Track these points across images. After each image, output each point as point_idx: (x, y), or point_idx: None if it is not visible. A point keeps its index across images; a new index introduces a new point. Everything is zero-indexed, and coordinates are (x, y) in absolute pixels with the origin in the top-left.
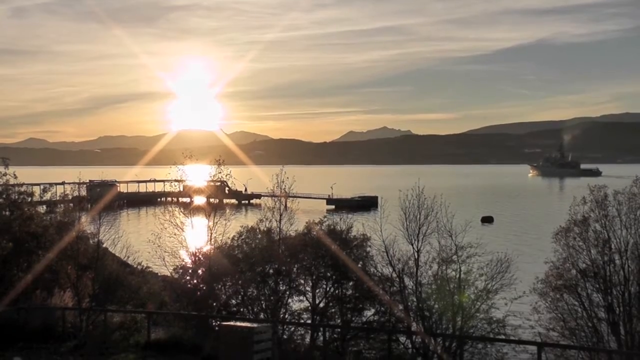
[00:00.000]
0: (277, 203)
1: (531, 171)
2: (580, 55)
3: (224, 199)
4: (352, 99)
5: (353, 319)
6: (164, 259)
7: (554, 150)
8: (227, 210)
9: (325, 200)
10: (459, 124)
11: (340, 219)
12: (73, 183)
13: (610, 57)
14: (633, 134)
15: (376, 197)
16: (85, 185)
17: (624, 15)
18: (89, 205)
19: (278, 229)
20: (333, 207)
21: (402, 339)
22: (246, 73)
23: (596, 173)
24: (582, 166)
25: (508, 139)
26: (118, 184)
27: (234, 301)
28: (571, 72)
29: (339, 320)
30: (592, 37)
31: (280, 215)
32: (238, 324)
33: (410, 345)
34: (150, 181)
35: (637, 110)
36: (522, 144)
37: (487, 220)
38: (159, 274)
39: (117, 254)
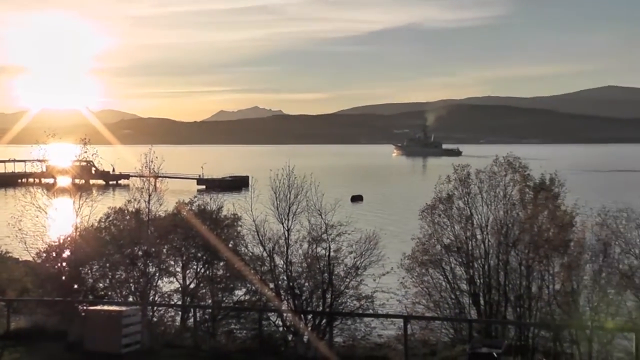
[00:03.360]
0: (145, 183)
1: (395, 151)
2: (447, 40)
3: (90, 179)
4: (223, 78)
5: (224, 299)
6: (25, 242)
7: (420, 130)
8: (94, 191)
9: (195, 181)
10: (329, 104)
11: (211, 199)
12: None
13: (476, 43)
14: (495, 116)
15: (247, 177)
16: None
17: (489, 4)
18: None
19: (147, 210)
20: (204, 187)
21: (273, 317)
22: (114, 49)
23: (457, 153)
24: (444, 146)
25: (378, 119)
26: None
27: (101, 285)
28: (439, 55)
29: (209, 301)
30: (459, 24)
31: (149, 195)
32: (105, 307)
33: (281, 324)
34: (9, 161)
35: (499, 94)
36: (391, 124)
37: (356, 199)
38: (20, 259)
39: None
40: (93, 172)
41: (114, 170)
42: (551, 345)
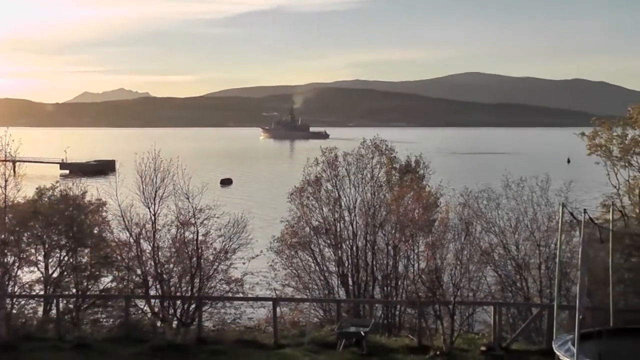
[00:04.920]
0: (1, 168)
1: (262, 134)
2: (317, 24)
3: None
4: (87, 58)
5: (89, 287)
6: None
7: (288, 114)
8: None
9: (58, 165)
10: (198, 86)
11: (74, 184)
12: None
13: (345, 27)
14: (363, 100)
15: (113, 161)
16: None
17: None
18: None
19: (4, 196)
20: (67, 171)
21: (141, 304)
22: None
23: (324, 136)
24: (312, 129)
25: (247, 102)
26: None
27: None
28: (308, 39)
29: (74, 290)
30: (328, 7)
31: (6, 181)
32: None
33: (148, 310)
34: None
35: (367, 78)
36: (260, 107)
37: (226, 182)
38: None
39: None
40: None
41: None
42: (416, 321)
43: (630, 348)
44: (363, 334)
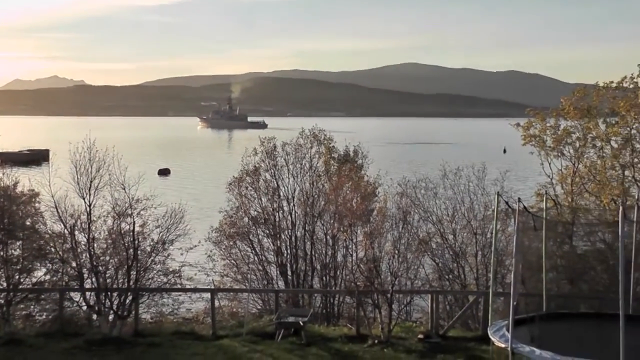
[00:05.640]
0: None
1: (200, 123)
2: (256, 13)
3: None
4: (17, 44)
5: (22, 280)
6: None
7: (225, 103)
8: None
9: None
10: (135, 75)
11: (5, 174)
12: None
13: (284, 16)
14: (302, 90)
15: (47, 151)
16: None
17: None
18: None
19: None
20: None
21: (76, 297)
22: None
23: (263, 126)
24: (250, 119)
25: (185, 91)
26: None
27: None
28: (248, 28)
29: (5, 284)
30: None
31: None
32: None
33: (84, 303)
34: None
35: (306, 68)
36: (199, 96)
37: (164, 172)
38: None
39: None
40: None
41: None
42: (355, 310)
43: (561, 332)
44: (302, 323)
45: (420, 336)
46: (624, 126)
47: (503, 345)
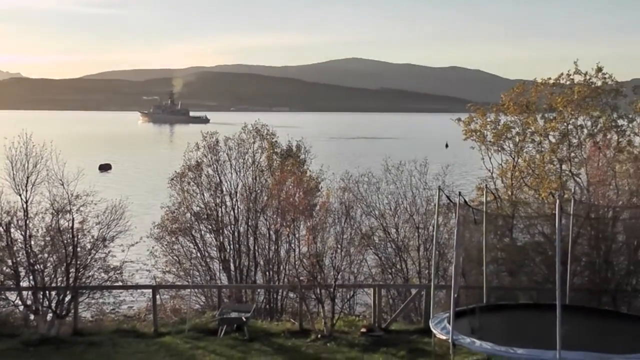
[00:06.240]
0: None
1: (141, 118)
2: (197, 7)
3: None
4: None
5: None
6: None
7: (167, 98)
8: None
9: None
10: (74, 68)
11: None
12: None
13: (220, 10)
14: (245, 84)
15: None
16: None
17: None
18: None
19: None
20: None
21: (12, 296)
22: None
23: (205, 120)
24: (192, 114)
25: (126, 85)
26: None
27: None
28: (190, 22)
29: None
30: None
31: None
32: None
33: (20, 303)
34: None
35: (249, 62)
36: (139, 91)
37: (105, 167)
38: None
39: None
40: None
41: None
42: (298, 305)
43: (501, 323)
44: (244, 319)
45: (363, 330)
46: (561, 122)
47: (444, 337)
